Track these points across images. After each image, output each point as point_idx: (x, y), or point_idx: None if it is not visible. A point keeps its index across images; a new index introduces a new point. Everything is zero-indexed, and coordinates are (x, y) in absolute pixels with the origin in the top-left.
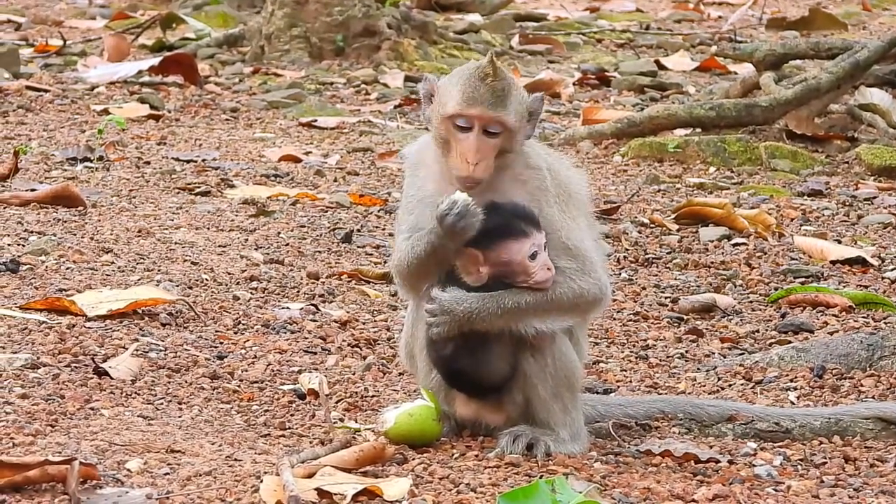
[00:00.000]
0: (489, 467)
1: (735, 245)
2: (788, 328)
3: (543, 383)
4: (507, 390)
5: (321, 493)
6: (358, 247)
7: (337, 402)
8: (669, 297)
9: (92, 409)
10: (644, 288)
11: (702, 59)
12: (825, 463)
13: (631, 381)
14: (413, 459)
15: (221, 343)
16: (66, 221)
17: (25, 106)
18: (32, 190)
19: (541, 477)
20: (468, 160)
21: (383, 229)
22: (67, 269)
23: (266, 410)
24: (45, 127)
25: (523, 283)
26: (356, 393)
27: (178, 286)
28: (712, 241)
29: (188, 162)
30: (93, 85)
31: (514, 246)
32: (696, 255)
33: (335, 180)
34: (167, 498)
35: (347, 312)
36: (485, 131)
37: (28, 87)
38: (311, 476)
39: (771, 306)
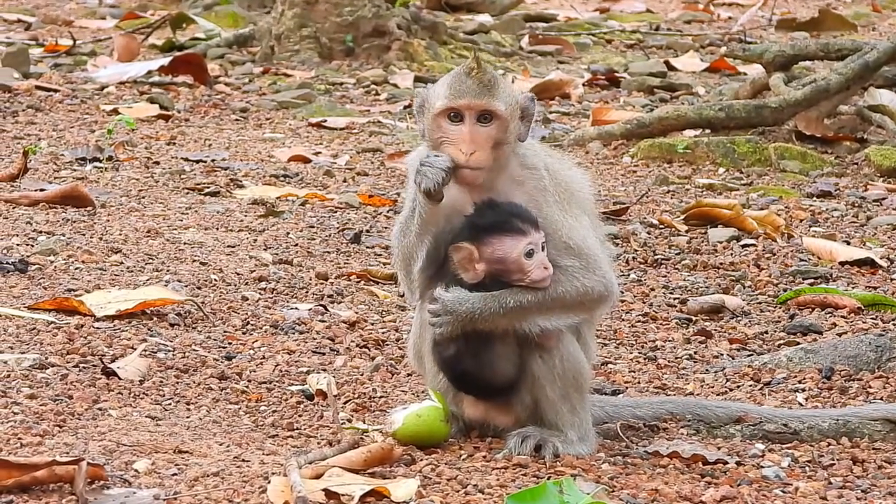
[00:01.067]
0: (497, 468)
1: (744, 246)
2: (797, 329)
3: (552, 384)
4: (515, 391)
5: (329, 493)
6: (367, 247)
7: (345, 403)
8: (678, 298)
9: (100, 409)
10: (653, 289)
11: (711, 60)
12: (833, 464)
13: (639, 383)
14: (421, 460)
15: (230, 343)
16: (75, 221)
17: (35, 106)
18: (41, 190)
19: (549, 478)
20: (462, 149)
21: (392, 230)
22: (76, 269)
23: (274, 411)
24: (54, 127)
25: (520, 282)
26: (364, 394)
27: (186, 286)
28: (721, 242)
29: (197, 162)
30: (102, 85)
31: (508, 243)
32: (704, 256)
33: (344, 181)
34: (175, 498)
35: (356, 313)
36: (477, 121)
37: (38, 87)
38: (318, 477)
39: (779, 307)
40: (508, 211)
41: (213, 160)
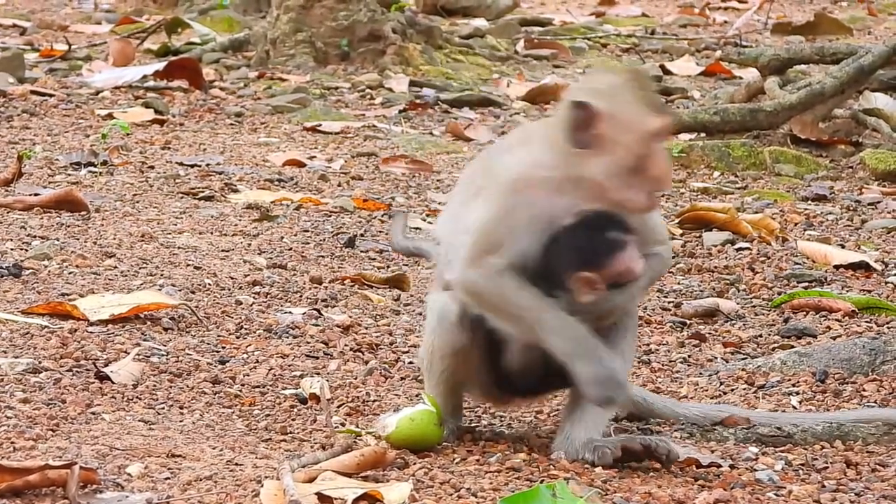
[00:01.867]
0: (490, 472)
1: (739, 249)
2: (791, 333)
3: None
4: None
5: (321, 497)
6: (361, 251)
7: (338, 407)
8: (672, 302)
9: (93, 413)
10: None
11: (707, 64)
12: (827, 468)
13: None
14: (414, 464)
15: (223, 347)
16: (69, 226)
17: (30, 110)
18: (36, 194)
19: (541, 481)
20: (670, 168)
21: (387, 234)
22: (70, 273)
23: (267, 415)
24: (49, 131)
25: (630, 283)
26: (358, 397)
27: (180, 291)
28: (716, 246)
29: (192, 166)
30: (97, 89)
31: (626, 255)
32: (699, 259)
33: (339, 185)
34: (167, 502)
35: (350, 317)
36: None
37: (33, 92)
38: (311, 481)
39: (774, 311)
40: (610, 224)
41: (207, 165)
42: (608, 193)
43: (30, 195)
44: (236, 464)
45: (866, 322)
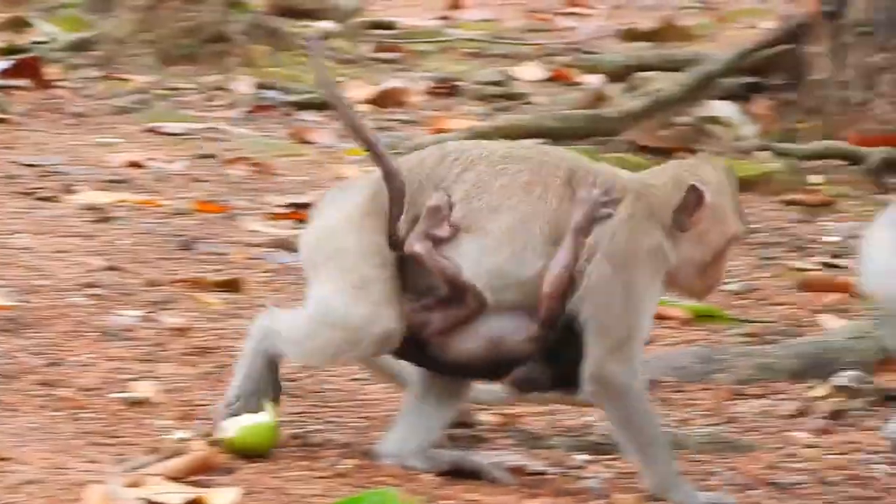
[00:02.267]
0: (321, 478)
1: None
2: None
3: None
4: None
5: (148, 502)
6: (199, 254)
7: (169, 411)
8: None
9: None
10: None
11: (552, 70)
12: None
13: None
14: (243, 469)
15: (56, 350)
16: None
17: None
18: None
19: (369, 488)
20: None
21: (225, 237)
22: None
23: (97, 418)
24: None
25: None
26: (189, 402)
27: (14, 292)
28: None
29: (31, 166)
30: None
31: None
32: None
33: (179, 187)
34: None
35: (185, 320)
36: None
37: None
38: (138, 485)
39: None
40: None
41: (47, 165)
42: (677, 280)
43: None
44: (64, 467)
45: (702, 330)
